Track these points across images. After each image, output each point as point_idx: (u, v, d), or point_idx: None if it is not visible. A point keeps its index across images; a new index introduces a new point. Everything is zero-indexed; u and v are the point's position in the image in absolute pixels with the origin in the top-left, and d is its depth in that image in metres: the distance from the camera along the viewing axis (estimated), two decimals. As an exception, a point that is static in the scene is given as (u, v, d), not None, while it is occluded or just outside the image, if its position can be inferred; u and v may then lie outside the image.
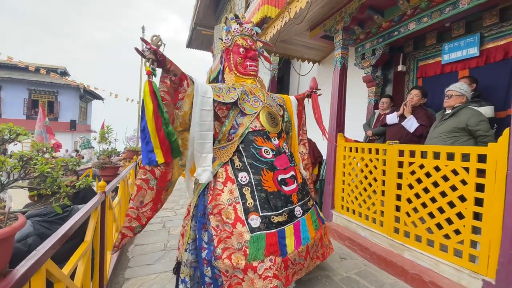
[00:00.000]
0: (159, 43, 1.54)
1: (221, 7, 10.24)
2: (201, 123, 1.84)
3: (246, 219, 1.71)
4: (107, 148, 4.21)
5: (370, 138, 3.65)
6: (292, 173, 2.05)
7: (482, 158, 1.96)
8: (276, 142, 2.06)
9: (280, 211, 1.82)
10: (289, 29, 4.12)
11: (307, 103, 2.71)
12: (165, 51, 1.63)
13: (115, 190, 2.98)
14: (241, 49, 2.18)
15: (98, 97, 21.91)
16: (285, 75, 7.09)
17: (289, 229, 1.81)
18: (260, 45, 2.44)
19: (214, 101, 1.91)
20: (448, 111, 2.55)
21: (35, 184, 0.99)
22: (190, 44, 12.82)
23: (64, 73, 19.40)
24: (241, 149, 1.94)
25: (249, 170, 1.88)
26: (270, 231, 1.71)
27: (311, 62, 5.72)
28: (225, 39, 2.23)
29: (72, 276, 1.35)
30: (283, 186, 1.92)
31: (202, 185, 1.92)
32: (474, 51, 3.02)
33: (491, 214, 1.86)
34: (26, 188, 1.11)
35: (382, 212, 2.77)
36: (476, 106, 2.60)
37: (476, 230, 2.00)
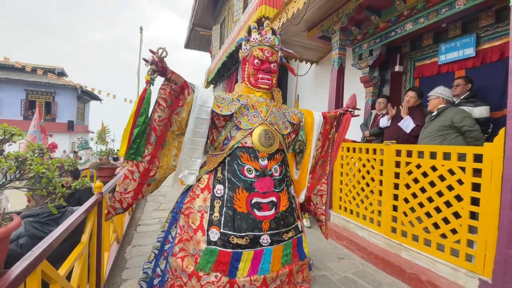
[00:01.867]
0: (163, 54, 1.65)
1: (219, 8, 10.24)
2: (195, 130, 1.87)
3: (207, 230, 1.74)
4: (105, 148, 4.20)
5: (368, 138, 3.66)
6: (273, 199, 1.90)
7: (478, 158, 1.98)
8: (264, 162, 1.94)
9: (243, 233, 1.76)
10: (287, 29, 4.13)
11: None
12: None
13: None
14: (256, 61, 2.08)
15: (96, 98, 21.82)
16: (283, 75, 7.10)
17: (247, 254, 1.75)
18: (280, 55, 2.22)
19: (213, 111, 1.92)
20: (434, 113, 2.66)
21: (30, 184, 0.98)
22: (188, 45, 12.80)
23: (61, 74, 19.33)
24: (226, 162, 1.93)
25: (226, 185, 1.86)
26: (225, 249, 1.70)
27: (309, 63, 5.73)
28: (244, 49, 2.16)
29: (69, 277, 1.35)
30: (255, 210, 1.83)
31: (187, 185, 1.99)
32: (470, 51, 3.04)
33: (487, 214, 1.87)
34: (21, 189, 1.11)
35: (379, 212, 2.78)
36: (472, 106, 2.63)
37: (472, 230, 2.01)
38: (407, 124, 2.99)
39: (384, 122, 3.32)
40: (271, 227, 1.84)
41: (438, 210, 2.22)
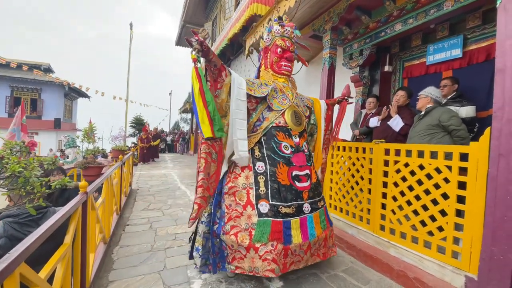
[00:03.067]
0: (206, 36, 1.73)
1: (211, 5, 10.15)
2: (237, 111, 2.03)
3: (256, 204, 1.91)
4: (93, 147, 4.10)
5: (357, 137, 3.69)
6: (307, 171, 2.14)
7: (464, 157, 2.01)
8: (296, 140, 2.17)
9: (289, 203, 1.95)
10: (278, 28, 4.11)
11: (336, 109, 2.79)
12: (155, 49, 1.80)
13: (99, 190, 2.89)
14: (279, 49, 2.33)
15: (84, 95, 21.32)
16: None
17: (295, 222, 1.93)
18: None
19: (247, 94, 2.09)
20: (423, 112, 2.72)
21: (7, 184, 0.94)
22: (179, 42, 12.66)
23: (48, 70, 18.79)
24: (263, 141, 2.12)
25: (267, 161, 2.05)
26: (276, 219, 1.87)
27: (300, 62, 5.73)
28: (266, 39, 2.42)
29: (51, 279, 1.30)
30: (296, 182, 2.04)
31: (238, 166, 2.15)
32: (457, 52, 3.09)
33: (473, 211, 1.90)
34: (4, 189, 1.06)
35: (368, 210, 2.81)
36: (458, 106, 2.68)
37: (458, 227, 2.05)
38: (397, 122, 3.03)
39: (374, 122, 3.37)
40: (310, 196, 2.09)
41: (425, 208, 2.25)
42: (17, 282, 0.98)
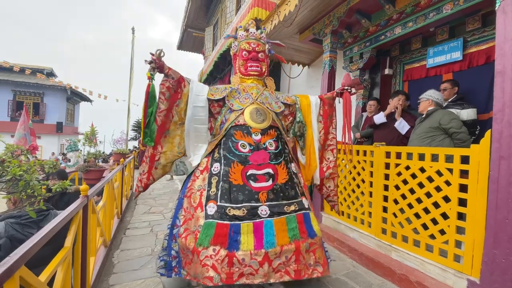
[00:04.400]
0: (161, 54, 1.92)
1: (212, 9, 10.23)
2: (195, 118, 2.11)
3: (205, 206, 1.83)
4: (95, 150, 4.11)
5: (358, 140, 3.69)
6: (269, 170, 1.95)
7: (465, 159, 2.00)
8: (257, 137, 2.07)
9: (239, 205, 1.80)
10: (279, 32, 4.14)
11: (338, 103, 2.49)
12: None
13: (101, 193, 2.90)
14: (244, 52, 2.34)
15: (86, 99, 21.43)
16: (275, 77, 7.11)
17: (246, 225, 1.74)
18: (268, 47, 2.49)
19: (208, 99, 2.17)
20: (423, 115, 2.71)
21: (8, 187, 0.94)
22: (181, 46, 12.73)
23: (50, 74, 18.92)
24: (222, 142, 2.10)
25: (222, 161, 2.00)
26: (222, 221, 1.74)
27: (301, 65, 5.76)
28: (233, 46, 2.45)
29: (51, 283, 1.30)
30: (250, 181, 1.89)
31: (190, 171, 2.19)
32: (457, 55, 3.10)
33: (475, 214, 1.89)
34: (3, 192, 1.06)
35: (370, 213, 2.80)
36: (459, 109, 2.67)
37: (460, 230, 2.04)
38: (403, 125, 3.05)
39: (380, 118, 3.26)
40: (269, 198, 1.87)
41: (426, 211, 2.24)
42: (17, 285, 0.98)
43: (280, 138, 2.19)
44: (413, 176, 2.35)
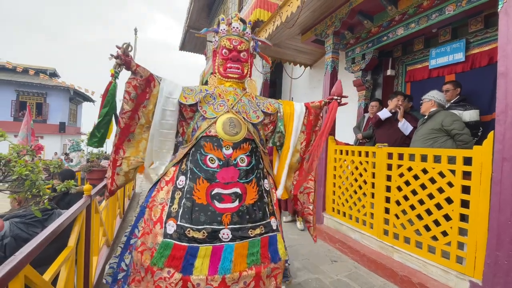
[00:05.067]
0: (128, 49, 1.70)
1: (214, 10, 10.27)
2: (162, 122, 1.88)
3: (165, 223, 1.67)
4: (98, 151, 4.13)
5: (360, 141, 3.69)
6: (236, 190, 1.78)
7: (467, 161, 2.00)
8: (228, 152, 1.84)
9: (200, 226, 1.65)
10: (281, 33, 4.15)
11: (325, 112, 2.27)
12: (157, 54, 1.86)
13: (103, 193, 2.92)
14: (224, 51, 2.05)
15: (89, 99, 21.55)
16: (278, 78, 7.12)
17: (204, 249, 1.63)
18: (253, 44, 2.21)
19: (180, 102, 1.92)
20: (426, 116, 2.70)
21: (14, 187, 0.95)
22: (183, 47, 12.78)
23: (53, 75, 19.05)
24: (190, 153, 1.88)
25: (188, 175, 1.81)
26: (180, 243, 1.61)
27: (303, 66, 5.77)
28: (213, 41, 2.16)
29: (55, 282, 1.31)
30: (215, 201, 1.73)
31: (156, 179, 1.96)
32: (460, 56, 3.09)
33: (477, 216, 1.89)
34: (7, 192, 1.08)
35: (372, 214, 2.79)
36: (462, 110, 2.67)
37: (462, 232, 2.03)
38: (406, 126, 3.05)
39: (385, 113, 3.22)
40: (233, 221, 1.72)
41: (429, 212, 2.24)
42: (22, 284, 0.99)
43: (255, 152, 1.97)
44: (416, 177, 2.35)
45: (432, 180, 2.21)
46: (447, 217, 2.11)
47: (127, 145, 1.86)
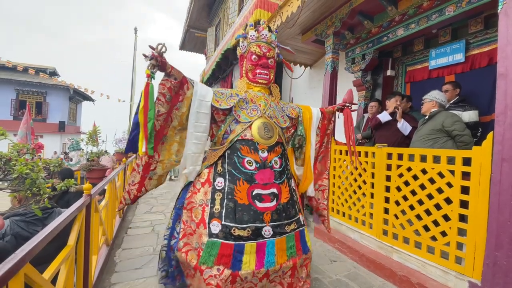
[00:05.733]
0: (163, 49, 1.69)
1: (214, 10, 10.27)
2: (196, 124, 1.92)
3: (209, 223, 1.75)
4: (97, 150, 4.14)
5: (360, 141, 3.69)
6: (274, 190, 1.91)
7: (467, 161, 2.01)
8: (264, 154, 1.96)
9: (244, 225, 1.76)
10: (281, 32, 4.16)
11: (338, 118, 2.51)
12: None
13: (103, 193, 2.92)
14: (254, 56, 2.14)
15: (89, 98, 21.54)
16: (278, 78, 7.13)
17: (250, 246, 1.74)
18: (278, 52, 2.31)
19: (212, 106, 1.96)
20: (427, 117, 2.69)
21: (14, 185, 0.96)
22: (183, 46, 12.78)
23: (53, 74, 19.04)
24: (226, 155, 1.96)
25: (227, 177, 1.88)
26: (227, 241, 1.70)
27: (303, 66, 5.77)
28: (241, 46, 2.24)
29: (54, 280, 1.31)
30: (256, 201, 1.84)
31: (188, 181, 2.03)
32: (459, 57, 3.10)
33: (476, 216, 1.89)
34: (7, 190, 1.08)
35: (371, 214, 2.80)
36: (461, 111, 2.67)
37: (462, 232, 2.04)
38: (405, 127, 3.06)
39: (385, 116, 3.24)
40: (273, 218, 1.85)
41: (428, 212, 2.24)
42: (21, 282, 0.99)
43: (284, 154, 2.11)
44: (415, 177, 2.35)
45: (432, 181, 2.22)
46: (446, 218, 2.11)
47: (160, 148, 1.89)
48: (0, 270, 0.86)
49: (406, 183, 2.43)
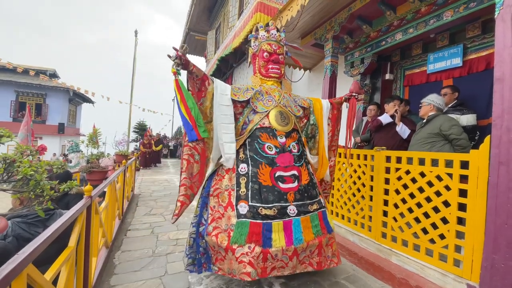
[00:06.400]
0: (186, 51, 1.90)
1: (214, 14, 10.33)
2: (223, 116, 2.08)
3: (236, 205, 1.88)
4: (97, 152, 4.15)
5: (359, 144, 3.71)
6: (294, 172, 2.07)
7: (464, 165, 2.02)
8: (282, 140, 2.13)
9: (270, 205, 1.88)
10: (281, 36, 4.18)
11: (345, 107, 2.67)
12: (156, 56, 1.92)
13: (103, 195, 2.92)
14: (265, 54, 2.36)
15: (88, 100, 21.56)
16: (277, 81, 7.15)
17: (277, 224, 1.86)
18: (286, 49, 2.53)
19: (232, 99, 2.15)
20: (425, 120, 2.72)
21: (18, 187, 0.97)
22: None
23: (53, 75, 19.06)
24: (247, 143, 2.12)
25: (249, 163, 2.03)
26: (255, 220, 1.82)
27: (302, 69, 5.81)
28: (253, 46, 2.46)
29: (55, 281, 1.32)
30: (279, 183, 1.98)
31: (211, 170, 2.17)
32: (457, 61, 3.13)
33: (474, 219, 1.91)
34: (10, 192, 1.09)
35: (370, 217, 2.81)
36: (459, 114, 2.70)
37: (460, 235, 2.05)
38: (404, 130, 3.09)
39: (386, 118, 3.25)
40: (296, 198, 1.99)
41: (426, 215, 2.26)
42: (24, 283, 1.00)
43: (300, 141, 2.28)
44: (413, 180, 2.37)
45: (430, 184, 2.23)
46: (444, 220, 2.13)
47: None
48: (3, 271, 0.87)
49: (405, 186, 2.45)
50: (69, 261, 1.44)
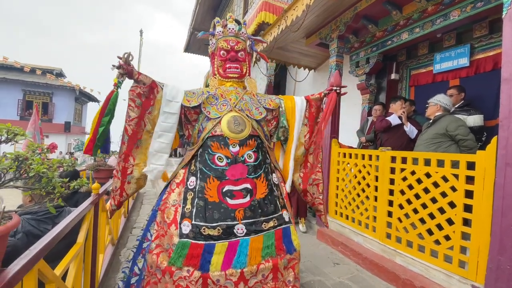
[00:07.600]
0: (130, 58, 1.77)
1: (219, 13, 10.36)
2: (162, 124, 1.92)
3: (180, 223, 1.69)
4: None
5: (364, 144, 3.71)
6: (247, 185, 1.82)
7: (471, 166, 2.01)
8: (235, 149, 1.89)
9: (214, 224, 1.68)
10: (286, 36, 4.19)
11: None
12: (161, 55, 1.84)
13: (109, 193, 2.96)
14: (222, 52, 2.10)
15: (94, 99, 21.80)
16: (282, 80, 7.16)
17: (221, 245, 1.65)
18: (249, 43, 2.25)
19: (183, 106, 1.96)
20: (431, 121, 2.70)
21: (30, 184, 0.99)
22: (188, 49, 12.86)
23: (60, 75, 19.31)
24: (198, 154, 1.92)
25: (198, 176, 1.84)
26: (197, 241, 1.63)
27: (307, 69, 5.80)
28: (210, 44, 2.21)
29: (64, 277, 1.35)
30: (227, 198, 1.76)
31: (167, 182, 2.00)
32: (464, 61, 3.11)
33: (480, 220, 1.90)
34: (21, 189, 1.12)
35: (374, 217, 2.80)
36: (466, 115, 2.68)
37: (465, 236, 2.04)
38: (412, 130, 3.08)
39: (395, 119, 3.22)
40: (246, 215, 1.74)
41: (432, 216, 2.25)
42: (35, 278, 1.02)
43: (261, 147, 2.01)
44: (419, 181, 2.36)
45: (436, 184, 2.22)
46: (450, 221, 2.12)
47: (135, 151, 1.90)
48: (15, 266, 0.89)
49: (410, 187, 2.44)
50: (77, 257, 1.48)
